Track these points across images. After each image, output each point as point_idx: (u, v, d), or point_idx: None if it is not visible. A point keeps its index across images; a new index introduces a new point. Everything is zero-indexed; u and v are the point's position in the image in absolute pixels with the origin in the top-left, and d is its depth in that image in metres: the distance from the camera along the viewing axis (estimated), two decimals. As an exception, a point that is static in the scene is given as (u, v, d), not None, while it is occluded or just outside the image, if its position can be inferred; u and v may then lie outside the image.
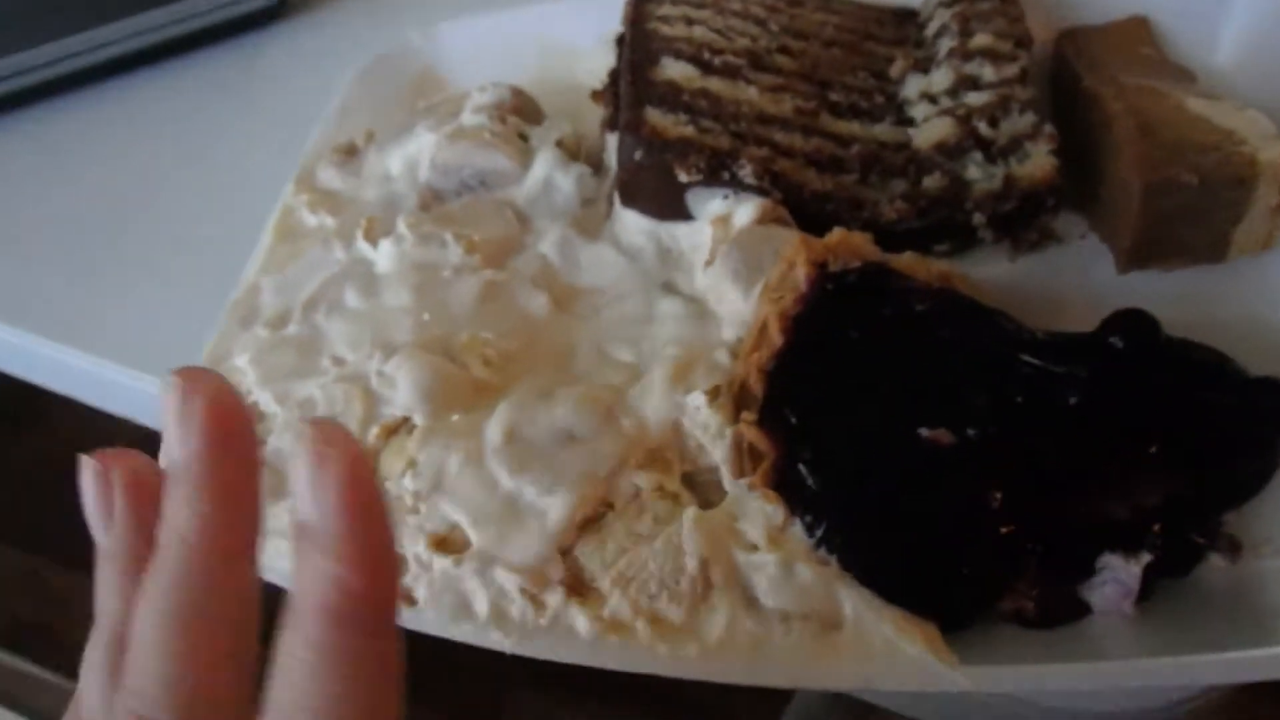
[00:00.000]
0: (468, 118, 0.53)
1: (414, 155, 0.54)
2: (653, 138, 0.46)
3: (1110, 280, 0.44)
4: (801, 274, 0.42)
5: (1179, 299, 0.44)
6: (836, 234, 0.43)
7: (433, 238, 0.49)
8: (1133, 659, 0.34)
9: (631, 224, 0.50)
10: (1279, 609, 0.36)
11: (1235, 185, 0.40)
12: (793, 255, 0.43)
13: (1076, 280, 0.45)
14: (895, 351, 0.40)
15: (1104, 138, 0.44)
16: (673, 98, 0.47)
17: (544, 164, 0.52)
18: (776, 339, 0.42)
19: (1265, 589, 0.37)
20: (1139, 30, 0.52)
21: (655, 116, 0.47)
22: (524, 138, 0.54)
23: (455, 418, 0.42)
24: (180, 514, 0.22)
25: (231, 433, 0.23)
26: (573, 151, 0.53)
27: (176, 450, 0.23)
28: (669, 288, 0.48)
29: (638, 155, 0.46)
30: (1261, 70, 0.49)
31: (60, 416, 0.59)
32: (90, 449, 0.25)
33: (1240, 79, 0.50)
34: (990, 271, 0.45)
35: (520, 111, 0.55)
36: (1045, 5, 0.54)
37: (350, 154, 0.56)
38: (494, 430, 0.41)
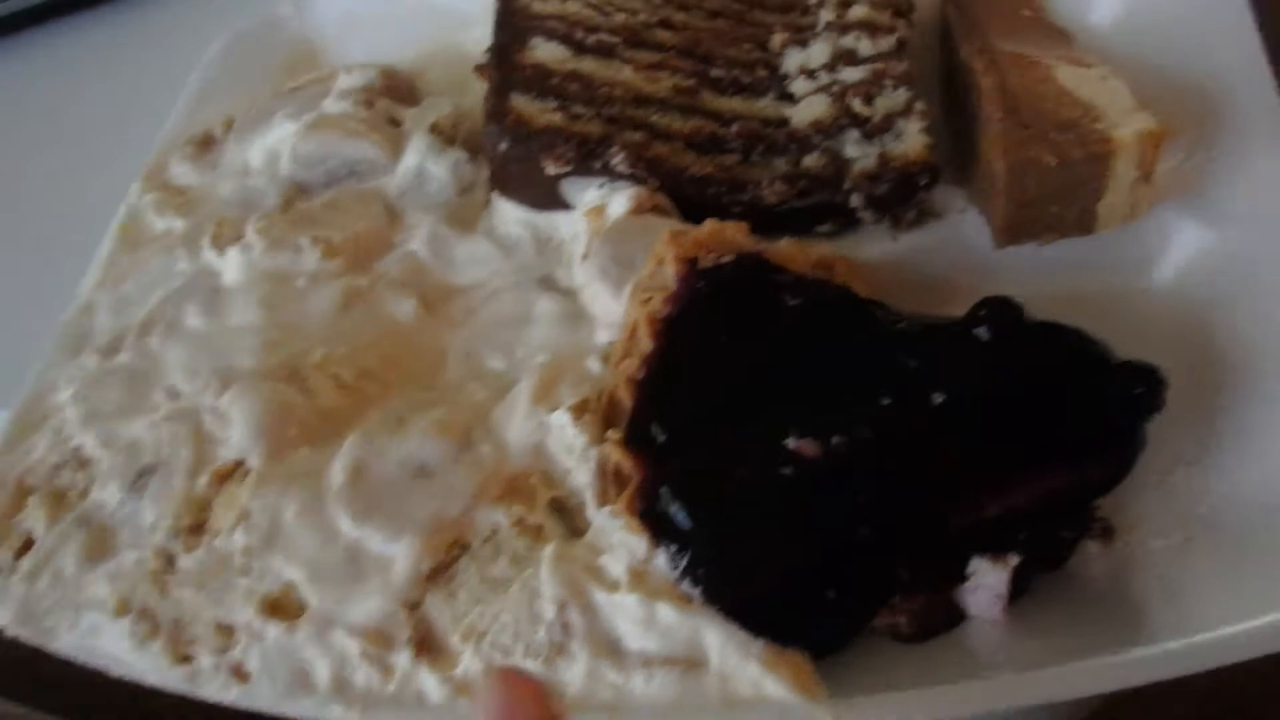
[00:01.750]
0: (331, 104, 0.48)
1: (275, 146, 0.48)
2: (517, 128, 0.41)
3: (991, 253, 0.41)
4: (671, 272, 0.39)
5: (1056, 270, 0.41)
6: (708, 226, 0.39)
7: (285, 243, 0.44)
8: (1008, 676, 0.31)
9: (508, 214, 0.46)
10: (1159, 594, 0.35)
11: (1093, 163, 0.36)
12: (661, 251, 0.39)
13: (959, 255, 0.41)
14: (766, 354, 0.37)
15: (976, 112, 0.41)
16: (541, 82, 0.43)
17: (416, 152, 0.47)
18: (646, 344, 0.38)
19: (1141, 573, 0.35)
20: (1020, -11, 0.49)
21: (521, 104, 0.42)
22: (395, 123, 0.49)
23: (302, 451, 0.38)
24: None
25: None
26: (449, 136, 0.48)
27: None
28: (547, 283, 0.44)
29: (503, 147, 0.42)
30: (1133, 26, 0.46)
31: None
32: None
33: (1115, 37, 0.47)
34: (873, 250, 0.41)
35: (393, 93, 0.50)
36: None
37: (206, 145, 0.50)
38: (337, 469, 0.36)
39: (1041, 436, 0.34)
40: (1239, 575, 0.34)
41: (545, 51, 0.44)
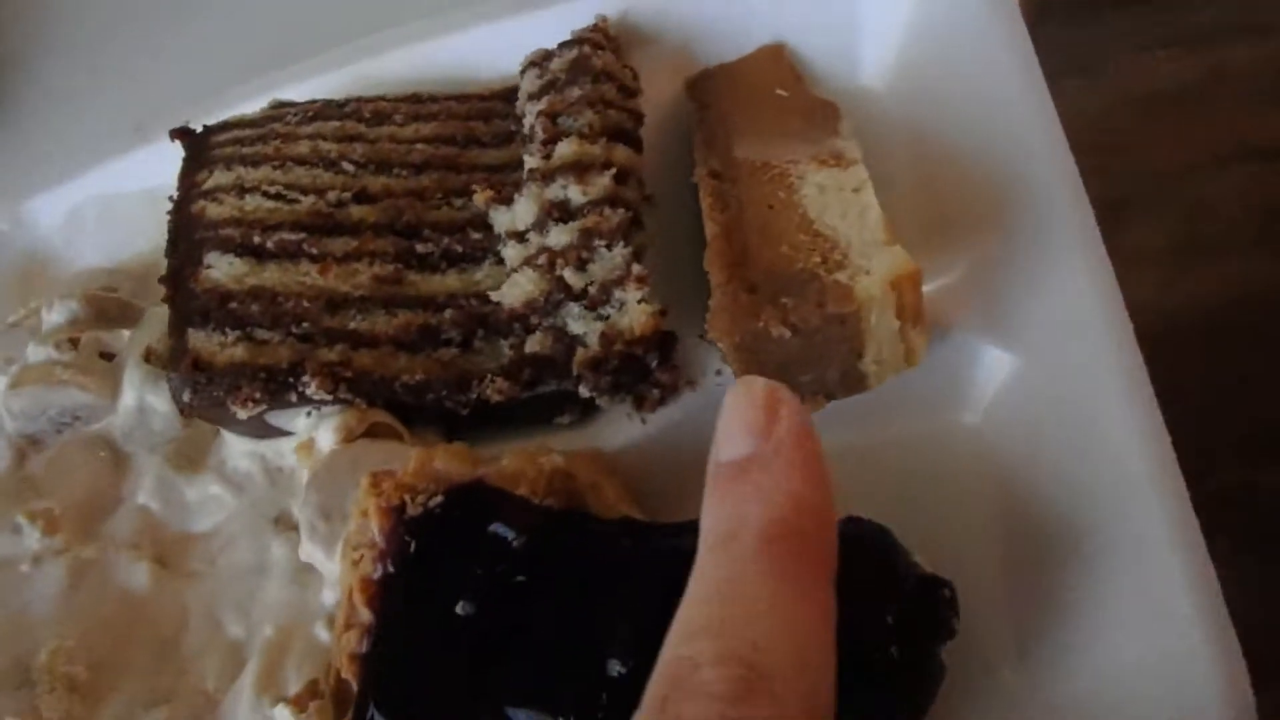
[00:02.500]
0: (33, 351, 0.43)
1: (-6, 402, 0.45)
2: (195, 374, 0.36)
3: (757, 423, 0.36)
4: (375, 527, 0.34)
5: (842, 423, 0.36)
6: (414, 461, 0.35)
7: (3, 527, 0.40)
8: None
9: (236, 445, 0.41)
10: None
11: (837, 324, 0.31)
12: (363, 502, 0.35)
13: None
14: (489, 612, 0.32)
15: (704, 262, 0.35)
16: (219, 310, 0.37)
17: (132, 386, 0.42)
18: (364, 613, 0.34)
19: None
20: (775, 62, 0.41)
21: (199, 341, 0.37)
22: (108, 355, 0.44)
23: None
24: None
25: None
26: (165, 360, 0.44)
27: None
28: (283, 521, 0.40)
29: (186, 397, 0.37)
30: (907, 89, 0.40)
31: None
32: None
33: (887, 103, 0.40)
34: (622, 437, 0.36)
35: (102, 319, 0.45)
36: (672, 47, 0.44)
37: (-70, 406, 0.46)
38: None
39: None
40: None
41: (222, 269, 0.38)
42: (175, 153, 0.45)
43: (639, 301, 0.34)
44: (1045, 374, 0.33)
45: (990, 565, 0.32)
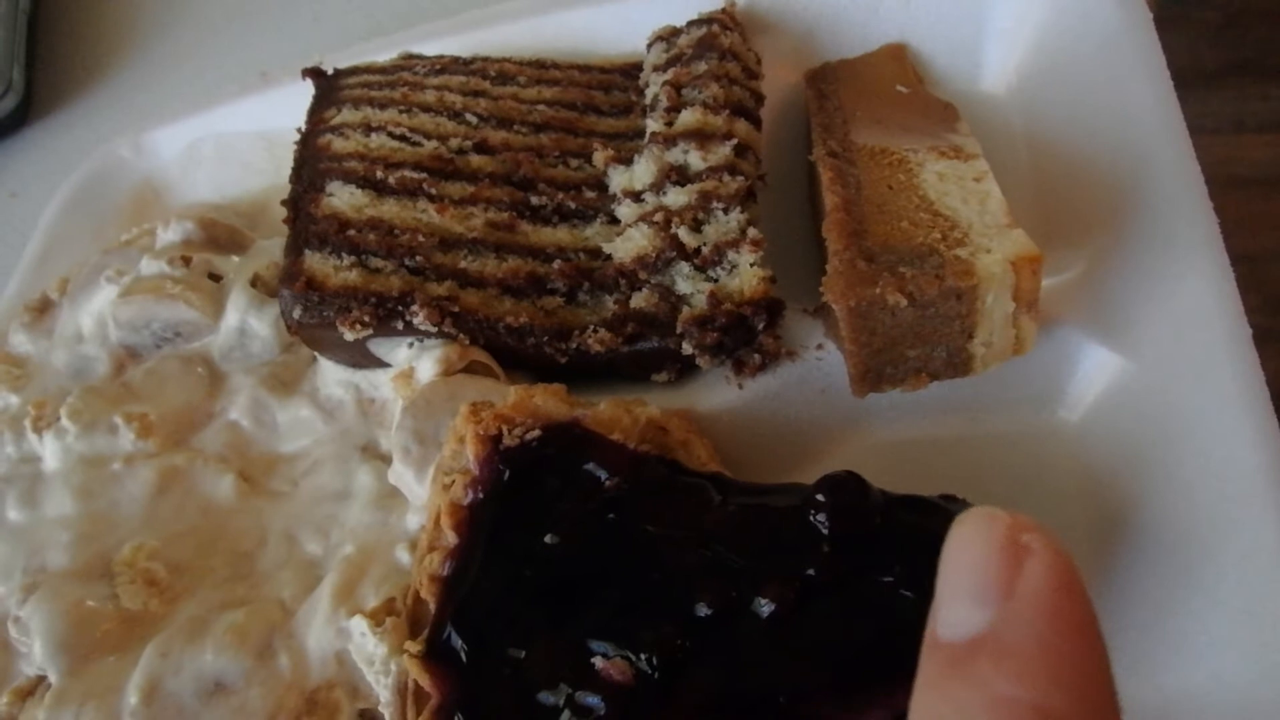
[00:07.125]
0: (147, 265, 0.45)
1: (101, 311, 0.46)
2: (308, 292, 0.38)
3: (852, 397, 0.36)
4: (471, 453, 0.35)
5: (938, 410, 0.36)
6: (514, 395, 0.35)
7: (100, 424, 0.41)
8: None
9: (330, 374, 0.42)
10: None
11: (953, 299, 0.31)
12: (461, 429, 0.35)
13: (817, 401, 0.36)
14: (577, 548, 0.33)
15: (821, 232, 0.35)
16: (337, 236, 0.39)
17: (237, 308, 0.44)
18: (450, 536, 0.34)
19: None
20: (896, 61, 0.43)
21: (315, 262, 0.39)
22: (216, 277, 0.46)
23: (107, 660, 0.36)
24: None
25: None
26: (271, 288, 0.45)
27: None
28: (370, 451, 0.41)
29: (296, 314, 0.38)
30: (1030, 98, 0.40)
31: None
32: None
33: (1010, 105, 0.41)
34: (719, 399, 0.36)
35: (213, 244, 0.47)
36: (794, 38, 0.45)
37: (43, 311, 0.48)
38: (132, 688, 0.34)
39: (889, 650, 0.28)
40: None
41: (342, 198, 0.40)
42: (296, 99, 0.47)
43: (751, 265, 0.35)
44: (1155, 378, 0.33)
45: (1079, 561, 0.32)
